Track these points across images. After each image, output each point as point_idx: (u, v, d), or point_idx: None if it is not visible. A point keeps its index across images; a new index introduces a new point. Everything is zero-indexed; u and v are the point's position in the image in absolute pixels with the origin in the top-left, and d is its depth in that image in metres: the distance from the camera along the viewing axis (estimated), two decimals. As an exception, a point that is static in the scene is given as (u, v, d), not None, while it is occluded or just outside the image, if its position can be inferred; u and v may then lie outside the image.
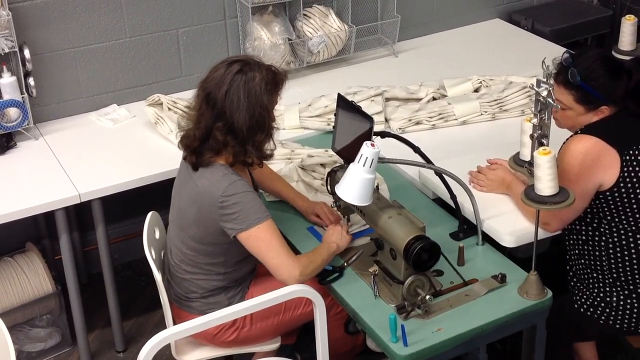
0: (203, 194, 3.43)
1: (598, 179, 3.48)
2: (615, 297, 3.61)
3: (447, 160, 3.85)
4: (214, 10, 4.96)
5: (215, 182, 3.40)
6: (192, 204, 3.49)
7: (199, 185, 3.44)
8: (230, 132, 3.39)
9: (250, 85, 3.37)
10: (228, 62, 3.44)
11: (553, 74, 3.53)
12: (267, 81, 3.40)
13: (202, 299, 3.63)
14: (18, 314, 4.44)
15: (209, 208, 3.41)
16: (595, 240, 3.61)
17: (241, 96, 3.36)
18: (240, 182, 3.41)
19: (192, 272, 3.60)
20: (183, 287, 3.66)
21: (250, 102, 3.37)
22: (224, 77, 3.38)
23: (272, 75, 3.44)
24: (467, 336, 3.26)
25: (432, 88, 4.79)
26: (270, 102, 3.43)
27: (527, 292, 3.37)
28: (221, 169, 3.43)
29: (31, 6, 4.48)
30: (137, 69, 4.87)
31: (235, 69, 3.39)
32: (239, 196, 3.38)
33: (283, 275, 3.42)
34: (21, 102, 4.39)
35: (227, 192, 3.37)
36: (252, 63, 3.43)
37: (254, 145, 3.43)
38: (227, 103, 3.37)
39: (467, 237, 3.70)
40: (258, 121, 3.39)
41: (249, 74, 3.38)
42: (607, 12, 5.94)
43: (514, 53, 5.40)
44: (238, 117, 3.37)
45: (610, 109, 3.56)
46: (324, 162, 4.13)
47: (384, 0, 5.41)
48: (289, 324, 3.77)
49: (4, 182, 4.21)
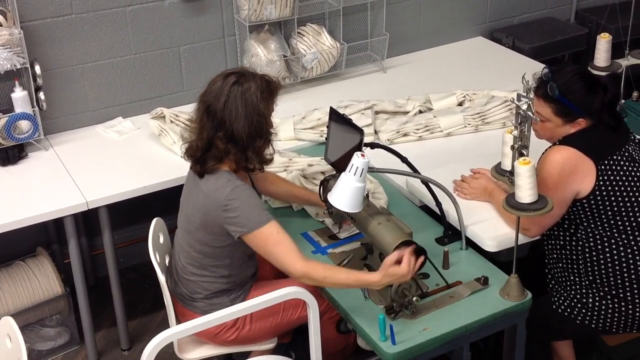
0: (208, 199, 3.42)
1: (575, 187, 3.48)
2: (591, 298, 3.61)
3: (432, 170, 3.85)
4: (214, 29, 4.96)
5: (219, 187, 3.40)
6: (198, 209, 3.48)
7: (205, 190, 3.44)
8: (230, 140, 3.39)
9: (246, 95, 3.37)
10: (224, 74, 3.44)
11: (533, 88, 3.53)
12: (262, 90, 3.41)
13: (206, 299, 3.62)
14: (29, 314, 4.43)
15: (214, 212, 3.40)
16: (572, 245, 3.61)
17: (239, 106, 3.36)
18: (243, 187, 3.41)
19: (198, 274, 3.60)
20: (189, 287, 3.65)
21: (247, 110, 3.37)
22: (222, 89, 3.39)
23: (267, 84, 3.45)
24: (451, 335, 3.25)
25: (419, 102, 4.79)
26: (266, 109, 3.43)
27: (508, 294, 3.37)
28: (225, 175, 3.42)
29: (42, 25, 4.48)
30: (141, 84, 4.87)
31: (231, 81, 3.39)
32: (242, 200, 3.37)
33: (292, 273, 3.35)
34: (32, 115, 4.38)
35: (231, 196, 3.36)
36: (247, 74, 3.43)
37: (254, 151, 3.43)
38: (226, 113, 3.37)
39: (452, 242, 3.70)
40: (256, 128, 3.40)
41: (244, 84, 3.38)
42: (583, 30, 5.95)
43: (495, 69, 5.41)
44: (237, 125, 3.36)
45: (587, 121, 3.56)
46: (323, 170, 4.12)
47: (373, 19, 5.42)
48: (285, 325, 3.76)
49: (16, 191, 4.20)
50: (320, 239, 3.82)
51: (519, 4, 6.03)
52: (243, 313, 3.15)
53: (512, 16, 6.04)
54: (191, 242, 3.57)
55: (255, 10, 4.80)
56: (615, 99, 3.63)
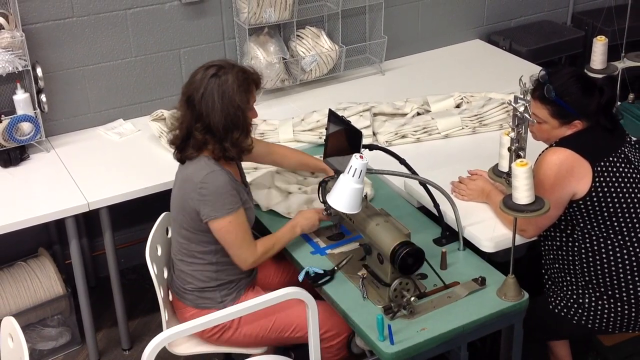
0: (186, 181, 3.51)
1: (571, 188, 3.49)
2: (587, 298, 3.61)
3: (430, 171, 3.85)
4: (214, 32, 4.96)
5: (197, 170, 3.47)
6: (178, 192, 3.58)
7: (184, 174, 3.54)
8: (208, 131, 3.46)
9: (223, 87, 3.42)
10: (206, 66, 3.50)
11: (530, 89, 3.53)
12: (239, 83, 3.45)
13: (197, 291, 3.63)
14: (31, 314, 4.43)
15: (190, 194, 3.48)
16: (569, 245, 3.61)
17: (215, 98, 3.41)
18: (219, 172, 3.47)
19: (188, 262, 3.63)
20: (181, 278, 3.69)
21: (224, 103, 3.42)
22: (201, 81, 3.45)
23: (244, 76, 3.49)
24: (449, 335, 3.25)
25: (417, 104, 4.79)
26: (243, 102, 3.46)
27: (505, 294, 3.37)
28: (204, 160, 3.49)
29: (43, 28, 4.48)
30: (141, 86, 4.87)
31: (210, 73, 3.45)
32: (215, 185, 3.44)
33: (238, 261, 3.56)
34: (34, 117, 4.38)
35: (206, 180, 3.44)
36: (227, 66, 3.48)
37: (231, 142, 3.48)
38: (203, 105, 3.43)
39: (450, 243, 3.70)
40: (233, 120, 3.44)
41: (222, 77, 3.43)
42: (579, 33, 5.95)
43: (492, 71, 5.41)
44: (214, 117, 3.42)
45: (583, 123, 3.57)
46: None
47: (371, 22, 5.42)
48: (275, 341, 3.77)
49: (17, 192, 4.20)
50: (318, 239, 3.81)
51: (516, 7, 6.03)
52: (242, 313, 3.15)
53: (509, 19, 6.05)
54: (177, 228, 3.64)
55: (255, 13, 4.80)
56: (612, 101, 3.63)
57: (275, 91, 5.11)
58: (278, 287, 3.34)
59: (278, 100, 5.06)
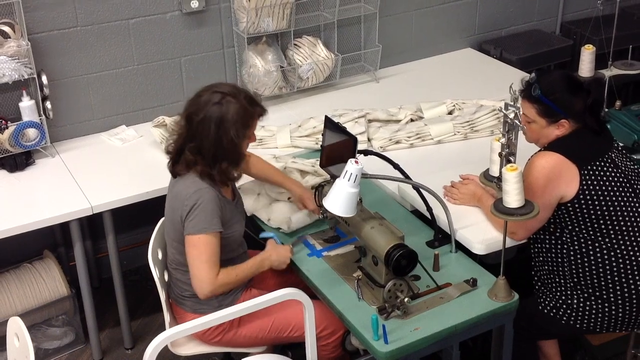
0: (175, 198, 3.49)
1: (560, 191, 3.48)
2: (575, 299, 3.61)
3: (423, 176, 3.85)
4: (213, 41, 4.96)
5: (184, 187, 3.45)
6: (169, 208, 3.55)
7: (173, 191, 3.52)
8: (199, 153, 3.43)
9: (222, 117, 3.37)
10: (212, 90, 3.45)
11: (520, 90, 3.54)
12: (239, 116, 3.40)
13: (194, 297, 3.60)
14: (36, 314, 4.43)
15: (177, 210, 3.46)
16: (558, 248, 3.61)
17: (212, 126, 3.37)
18: (206, 190, 3.43)
19: (183, 272, 3.60)
20: (178, 286, 3.67)
21: (219, 133, 3.38)
22: (204, 105, 3.40)
23: (246, 110, 3.43)
24: (442, 335, 3.25)
25: (410, 111, 4.79)
26: (239, 135, 3.42)
27: (496, 295, 3.37)
28: (192, 177, 3.46)
29: (48, 37, 4.48)
30: (143, 94, 4.87)
31: (214, 100, 3.40)
32: (201, 202, 3.40)
33: (195, 286, 3.48)
34: (39, 124, 4.38)
35: (193, 196, 3.41)
36: (232, 95, 3.42)
37: (219, 170, 3.45)
38: (200, 129, 3.39)
39: (442, 245, 3.70)
40: (223, 152, 3.41)
41: (224, 106, 3.38)
42: (568, 42, 5.95)
43: (484, 79, 5.41)
44: (206, 144, 3.40)
45: (570, 123, 3.55)
46: (304, 169, 4.12)
47: (366, 31, 5.42)
48: (273, 341, 3.76)
49: (23, 196, 4.20)
50: (315, 242, 3.81)
51: (507, 16, 6.03)
52: (242, 314, 3.13)
53: (500, 28, 6.05)
54: (169, 241, 3.63)
55: (254, 23, 4.80)
56: (598, 102, 3.63)
57: (273, 98, 5.11)
58: (274, 288, 3.33)
59: (276, 107, 5.05)
